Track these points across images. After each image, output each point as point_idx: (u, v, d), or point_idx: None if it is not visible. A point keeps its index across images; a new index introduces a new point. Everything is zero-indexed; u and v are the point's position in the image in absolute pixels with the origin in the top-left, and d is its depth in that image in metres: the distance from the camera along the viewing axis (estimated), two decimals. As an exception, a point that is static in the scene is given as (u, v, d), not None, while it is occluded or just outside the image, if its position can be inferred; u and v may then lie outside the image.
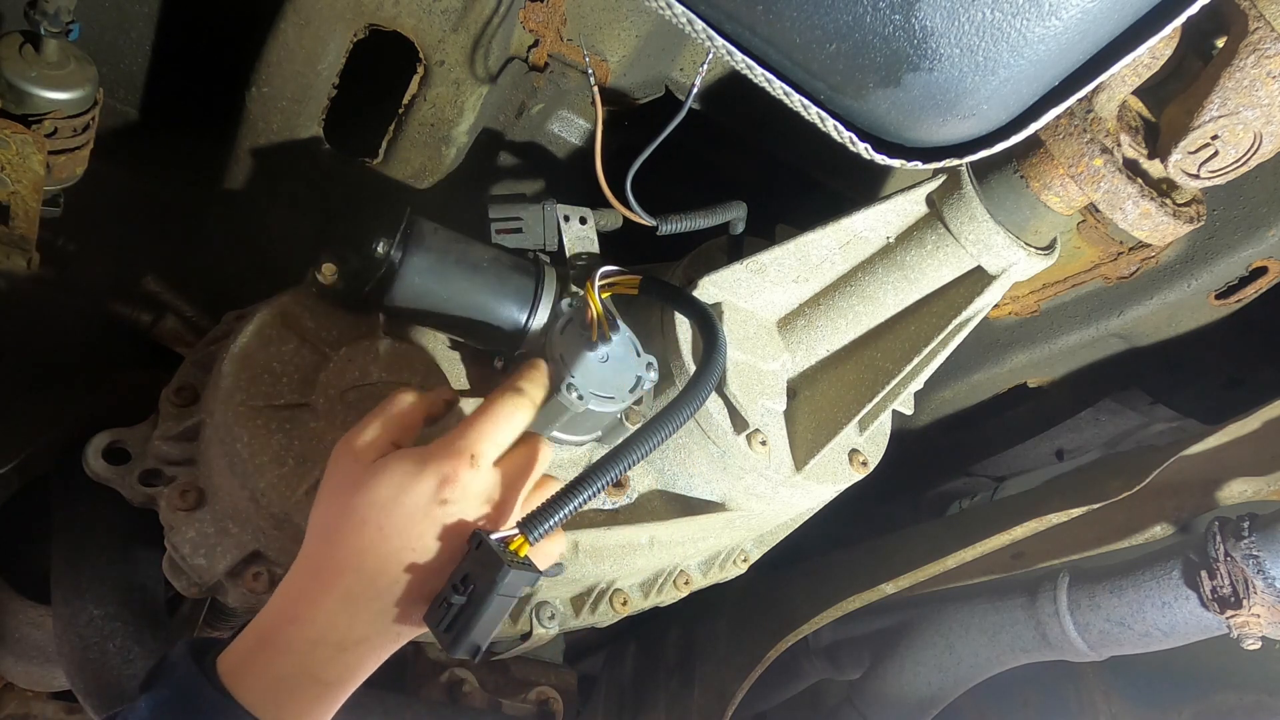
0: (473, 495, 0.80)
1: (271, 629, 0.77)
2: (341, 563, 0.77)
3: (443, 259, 0.99)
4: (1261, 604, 1.21)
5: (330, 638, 0.76)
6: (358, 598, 0.76)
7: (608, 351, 0.97)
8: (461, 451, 0.80)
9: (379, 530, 0.77)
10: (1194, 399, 1.48)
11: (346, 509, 0.79)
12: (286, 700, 0.75)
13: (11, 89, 1.01)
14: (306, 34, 1.10)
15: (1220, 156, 0.88)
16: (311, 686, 0.76)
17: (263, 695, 0.74)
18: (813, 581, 1.58)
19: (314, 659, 0.76)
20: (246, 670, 0.75)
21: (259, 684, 0.75)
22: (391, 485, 0.78)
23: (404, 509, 0.77)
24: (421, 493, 0.77)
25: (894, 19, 0.64)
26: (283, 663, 0.75)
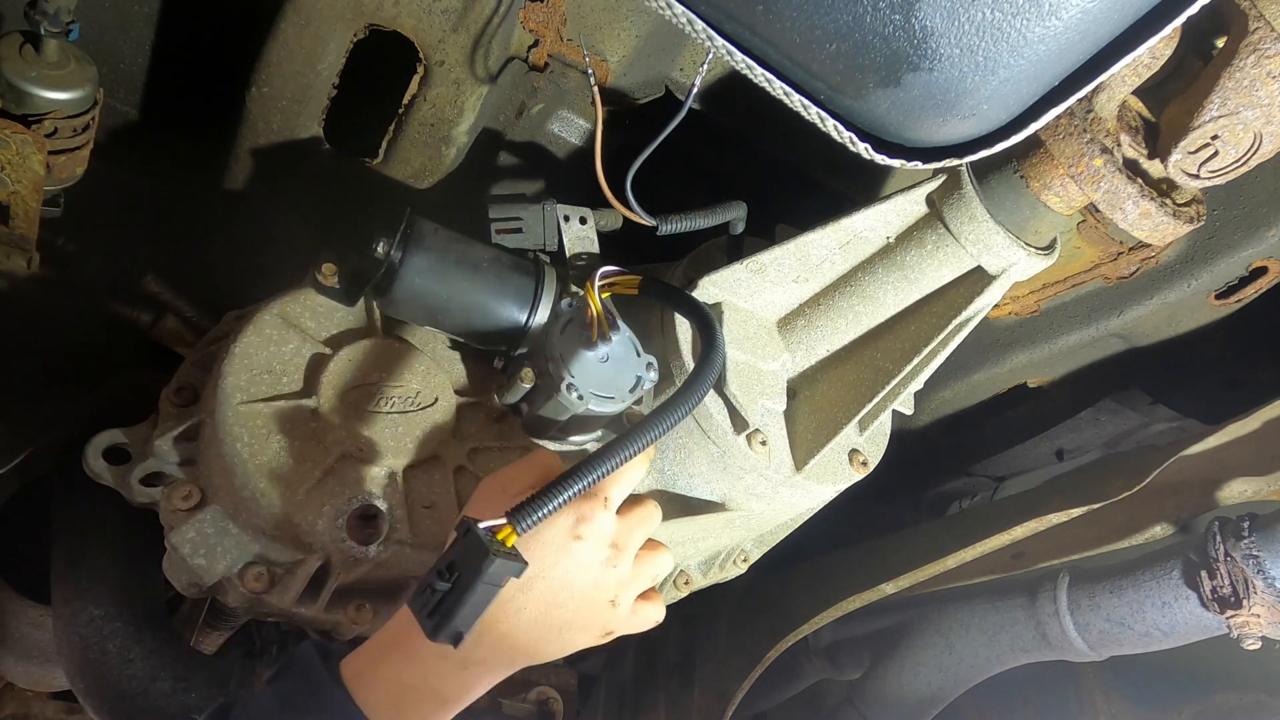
0: (603, 535, 0.85)
1: (400, 638, 0.80)
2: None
3: (443, 259, 0.99)
4: (1261, 604, 1.21)
5: (455, 655, 0.78)
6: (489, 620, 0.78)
7: (608, 351, 0.97)
8: (596, 493, 0.84)
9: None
10: (1194, 399, 1.48)
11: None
12: (404, 708, 0.79)
13: (11, 89, 1.01)
14: (306, 34, 1.10)
15: (1220, 156, 0.88)
16: (429, 700, 0.80)
17: (383, 700, 0.78)
18: (813, 581, 1.58)
19: (436, 673, 0.80)
20: (371, 674, 0.79)
21: (381, 689, 0.78)
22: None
23: (541, 540, 0.81)
24: (560, 527, 0.82)
25: (894, 19, 0.64)
26: (407, 672, 0.79)
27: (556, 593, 0.82)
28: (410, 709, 0.79)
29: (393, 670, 0.79)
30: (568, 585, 0.83)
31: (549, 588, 0.82)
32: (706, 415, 1.07)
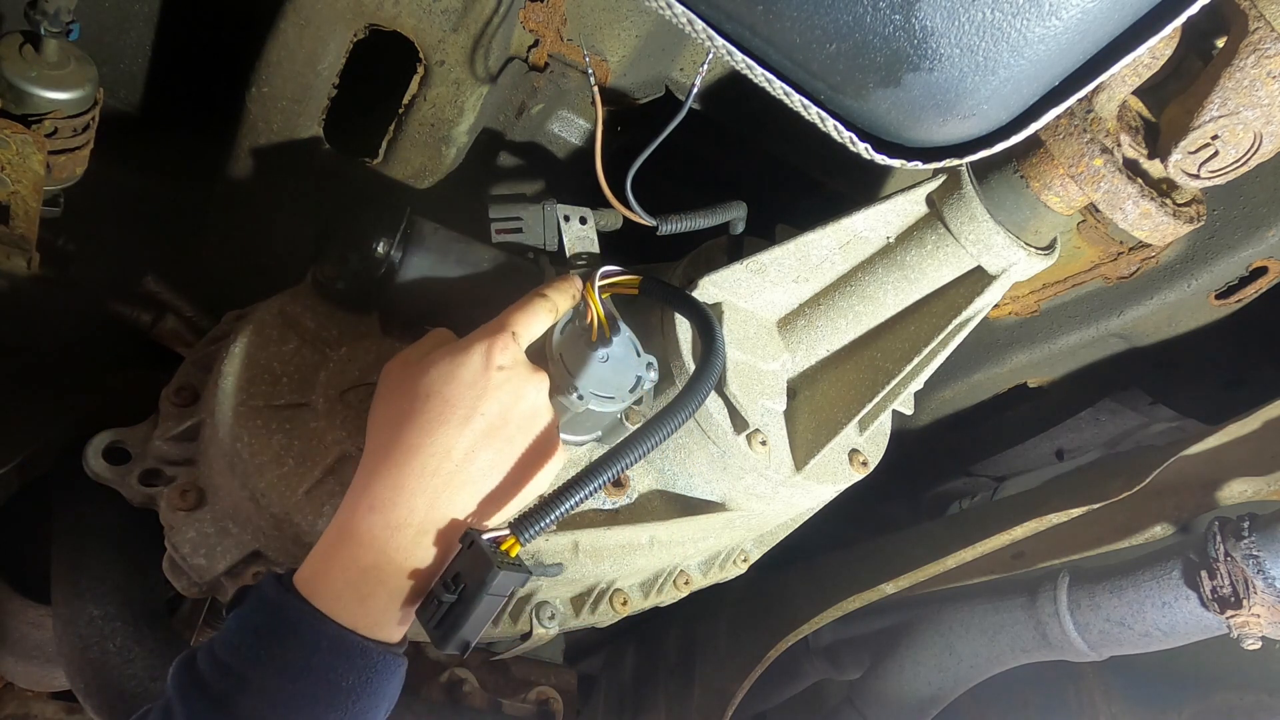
0: (520, 364, 0.82)
1: (348, 523, 0.75)
2: (412, 442, 0.76)
3: (443, 259, 0.99)
4: (1261, 604, 1.21)
5: (412, 520, 0.74)
6: (436, 474, 0.75)
7: (608, 352, 0.97)
8: (501, 327, 0.83)
9: (444, 401, 0.77)
10: (1194, 399, 1.48)
11: (405, 395, 0.79)
12: (369, 594, 0.73)
13: (11, 89, 1.01)
14: (306, 34, 1.10)
15: (1220, 156, 0.88)
16: (393, 576, 0.74)
17: (344, 592, 0.73)
18: (813, 581, 1.58)
19: (395, 544, 0.74)
20: (325, 574, 0.74)
21: (339, 583, 0.73)
22: (443, 363, 0.80)
23: (461, 380, 0.78)
24: (474, 363, 0.79)
25: (894, 19, 0.64)
26: (364, 555, 0.74)
27: (500, 427, 0.79)
28: (375, 593, 0.74)
29: (347, 560, 0.74)
30: (507, 414, 0.79)
31: (489, 423, 0.78)
32: (706, 415, 1.07)
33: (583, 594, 1.19)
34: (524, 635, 1.15)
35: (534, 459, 0.82)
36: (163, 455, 1.03)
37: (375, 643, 0.74)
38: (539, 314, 0.88)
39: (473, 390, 0.78)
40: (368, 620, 0.74)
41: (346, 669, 0.72)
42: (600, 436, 1.10)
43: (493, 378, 0.79)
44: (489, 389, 0.79)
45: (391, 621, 0.76)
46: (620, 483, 1.12)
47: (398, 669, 0.76)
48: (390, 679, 0.75)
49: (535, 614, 1.14)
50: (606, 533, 1.09)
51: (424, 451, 0.76)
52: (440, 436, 0.76)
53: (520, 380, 0.81)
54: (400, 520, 0.75)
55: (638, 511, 1.12)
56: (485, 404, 0.78)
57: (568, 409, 0.98)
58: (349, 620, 0.73)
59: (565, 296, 0.93)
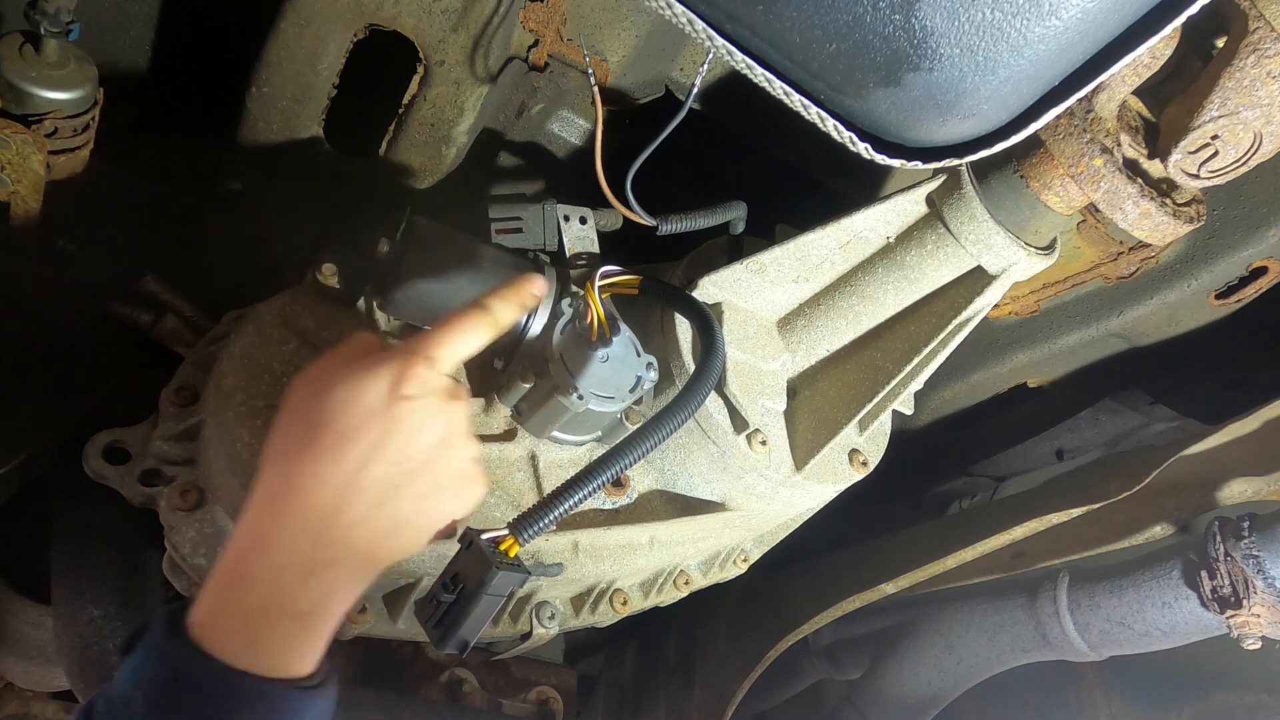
0: (433, 392, 0.74)
1: (235, 563, 0.71)
2: (300, 478, 0.72)
3: (443, 259, 0.99)
4: (1261, 604, 1.21)
5: (295, 561, 0.70)
6: (321, 512, 0.71)
7: (608, 352, 0.97)
8: (415, 351, 0.75)
9: (337, 435, 0.72)
10: (1194, 399, 1.48)
11: (299, 422, 0.74)
12: (258, 637, 0.70)
13: (11, 89, 1.01)
14: (306, 34, 1.10)
15: (1220, 156, 0.88)
16: (283, 620, 0.71)
17: (235, 638, 0.69)
18: (813, 581, 1.58)
19: (280, 587, 0.70)
20: (216, 614, 0.70)
21: (229, 624, 0.70)
22: (345, 388, 0.73)
23: (361, 409, 0.72)
24: (378, 391, 0.72)
25: (894, 19, 0.64)
26: (250, 597, 0.70)
27: (398, 463, 0.73)
28: (266, 636, 0.70)
29: (234, 603, 0.70)
30: (409, 450, 0.73)
31: (388, 459, 0.72)
32: (706, 415, 1.07)
33: (583, 594, 1.19)
34: (524, 635, 1.15)
35: (445, 496, 0.77)
36: (163, 455, 1.03)
37: (278, 682, 0.70)
38: (472, 331, 0.80)
39: (370, 423, 0.72)
40: (264, 662, 0.70)
41: (246, 714, 0.69)
42: (600, 436, 1.10)
43: (396, 410, 0.73)
44: (391, 423, 0.72)
45: (294, 658, 0.72)
46: (620, 483, 1.12)
47: (309, 702, 0.73)
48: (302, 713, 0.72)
49: (535, 614, 1.14)
50: (606, 533, 1.09)
51: (309, 489, 0.71)
52: (330, 473, 0.71)
53: (429, 413, 0.74)
54: (283, 561, 0.71)
55: (638, 511, 1.12)
56: (386, 439, 0.72)
57: (568, 409, 0.98)
58: (245, 663, 0.69)
59: (510, 308, 0.85)
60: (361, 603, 1.03)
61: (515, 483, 1.06)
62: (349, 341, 0.79)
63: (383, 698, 1.43)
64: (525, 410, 1.05)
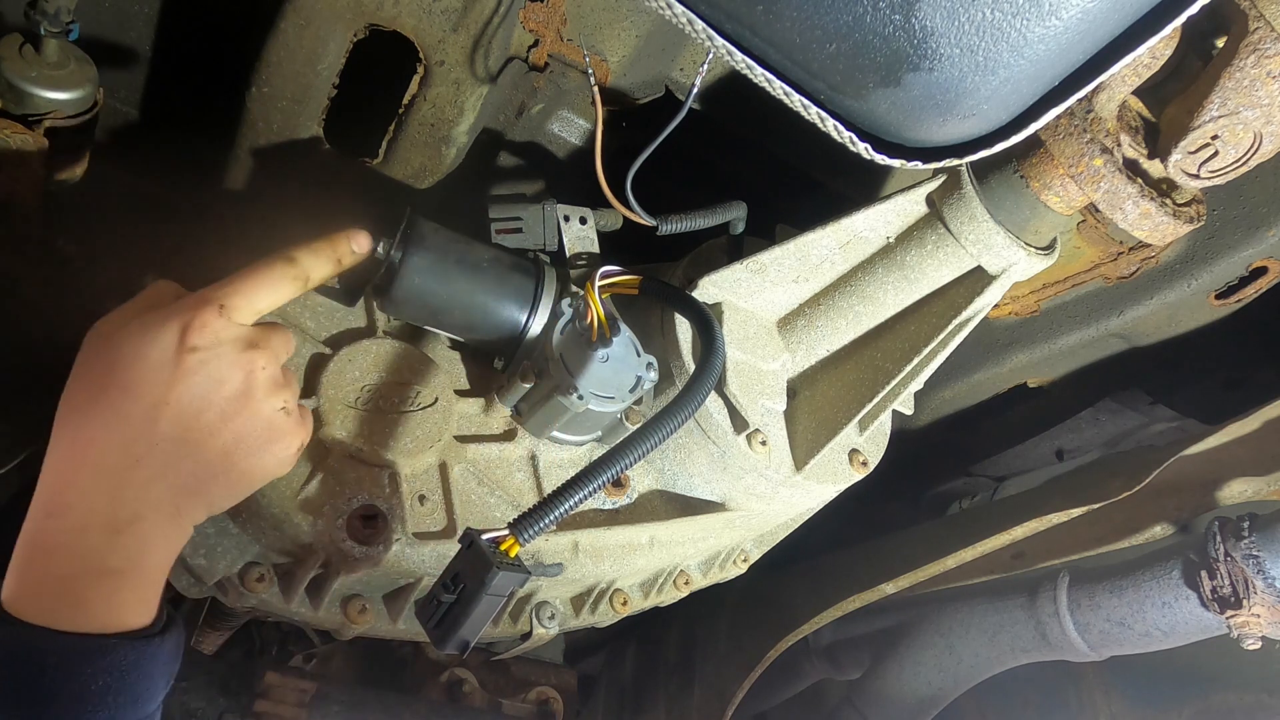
0: (226, 343, 0.73)
1: (35, 532, 0.69)
2: (90, 436, 0.69)
3: (443, 259, 0.99)
4: (1261, 604, 1.21)
5: (95, 521, 0.68)
6: (114, 469, 0.69)
7: (608, 352, 0.97)
8: (207, 300, 0.73)
9: (124, 390, 0.69)
10: (1194, 399, 1.48)
11: (89, 377, 0.71)
12: (80, 599, 0.67)
13: (11, 89, 1.01)
14: (306, 34, 1.10)
15: (1220, 156, 0.88)
16: (99, 579, 0.68)
17: (54, 602, 0.67)
18: (813, 581, 1.58)
19: (87, 548, 0.68)
20: (28, 587, 0.68)
21: (44, 593, 0.67)
22: (132, 341, 0.71)
23: (149, 362, 0.70)
24: (166, 343, 0.70)
25: (894, 19, 0.64)
26: (58, 562, 0.68)
27: (192, 416, 0.71)
28: (88, 598, 0.67)
29: (42, 573, 0.68)
30: (202, 403, 0.71)
31: (178, 413, 0.70)
32: (706, 415, 1.07)
33: (583, 594, 1.19)
34: (524, 635, 1.15)
35: (248, 447, 0.75)
36: (163, 455, 1.03)
37: (115, 637, 0.68)
38: (274, 281, 0.78)
39: (159, 375, 0.70)
40: (94, 621, 0.68)
41: (89, 674, 0.66)
42: (600, 436, 1.10)
43: (185, 362, 0.70)
44: (179, 375, 0.70)
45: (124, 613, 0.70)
46: (620, 483, 1.12)
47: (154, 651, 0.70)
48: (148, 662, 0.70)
49: (535, 614, 1.14)
50: (606, 533, 1.09)
51: (98, 448, 0.69)
52: (116, 430, 0.69)
53: (223, 364, 0.72)
54: (82, 522, 0.68)
55: (638, 511, 1.12)
56: (174, 392, 0.70)
57: (568, 409, 0.98)
58: (73, 624, 0.67)
59: (322, 260, 0.82)
60: (361, 603, 1.03)
61: (515, 483, 1.06)
62: (145, 291, 0.77)
63: (383, 698, 1.44)
64: (525, 410, 1.05)
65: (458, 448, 1.04)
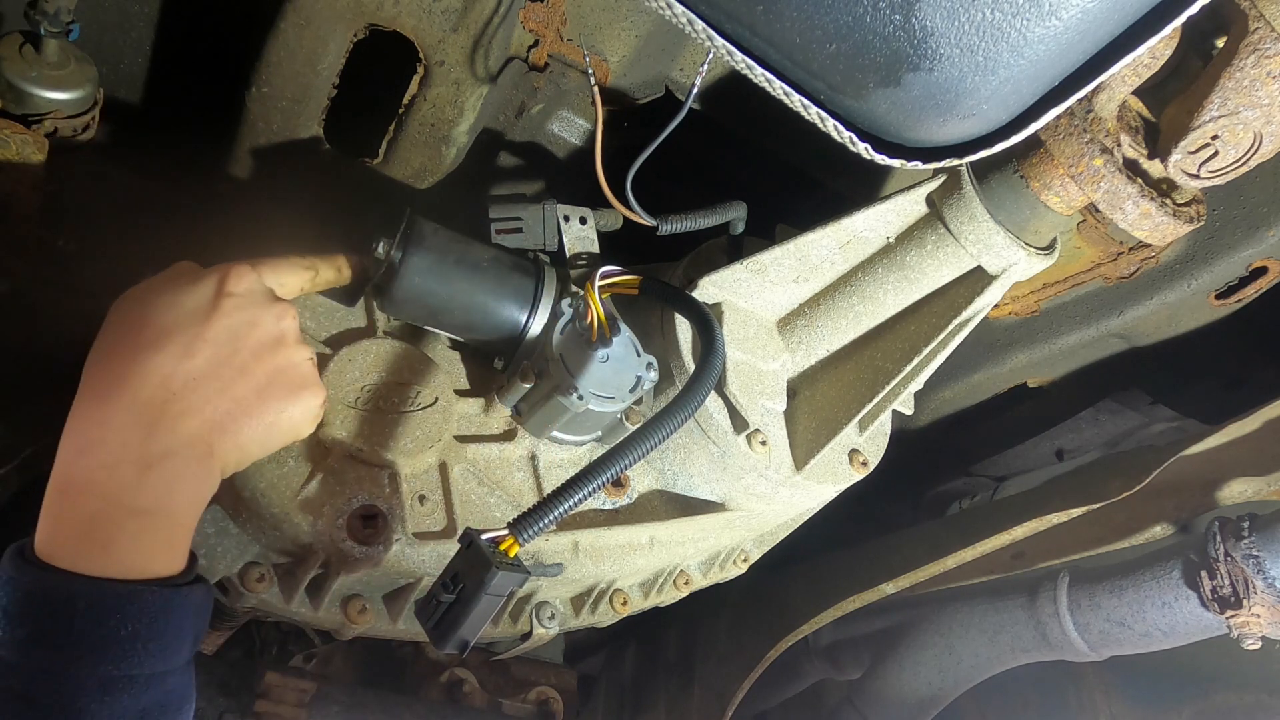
0: (259, 293, 0.77)
1: (66, 471, 0.69)
2: (124, 373, 0.70)
3: (443, 259, 0.99)
4: (1261, 604, 1.21)
5: (128, 456, 0.68)
6: (149, 404, 0.69)
7: (608, 352, 0.97)
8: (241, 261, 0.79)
9: (161, 331, 0.72)
10: (1194, 399, 1.48)
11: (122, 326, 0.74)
12: (108, 541, 0.67)
13: (11, 89, 1.01)
14: (306, 34, 1.10)
15: (1220, 156, 0.88)
16: (128, 519, 0.68)
17: (80, 545, 0.67)
18: (813, 581, 1.58)
19: (117, 484, 0.68)
20: (57, 529, 0.68)
21: (73, 535, 0.67)
22: (167, 295, 0.74)
23: (186, 307, 0.73)
24: (204, 291, 0.75)
25: (894, 19, 0.64)
26: (88, 501, 0.68)
27: (228, 353, 0.73)
28: (116, 539, 0.67)
29: (71, 512, 0.68)
30: (238, 341, 0.74)
31: (215, 349, 0.73)
32: (706, 415, 1.07)
33: (583, 594, 1.19)
34: (524, 635, 1.15)
35: (280, 391, 0.77)
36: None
37: (143, 583, 0.68)
38: (293, 269, 0.85)
39: (196, 316, 0.73)
40: (121, 565, 0.68)
41: (118, 620, 0.66)
42: (600, 436, 1.10)
43: (222, 304, 0.74)
44: (216, 314, 0.74)
45: (152, 557, 0.70)
46: (620, 483, 1.12)
47: (183, 599, 0.70)
48: (176, 610, 0.69)
49: (535, 614, 1.14)
50: (606, 533, 1.09)
51: (133, 381, 0.70)
52: (154, 364, 0.70)
53: (256, 308, 0.76)
54: (114, 458, 0.68)
55: (638, 511, 1.12)
56: (210, 330, 0.73)
57: (568, 409, 0.98)
58: (101, 569, 0.67)
59: (327, 266, 0.90)
60: (361, 603, 1.03)
61: (515, 483, 1.06)
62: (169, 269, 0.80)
63: (383, 698, 1.44)
64: (525, 410, 1.05)
65: (458, 448, 1.04)
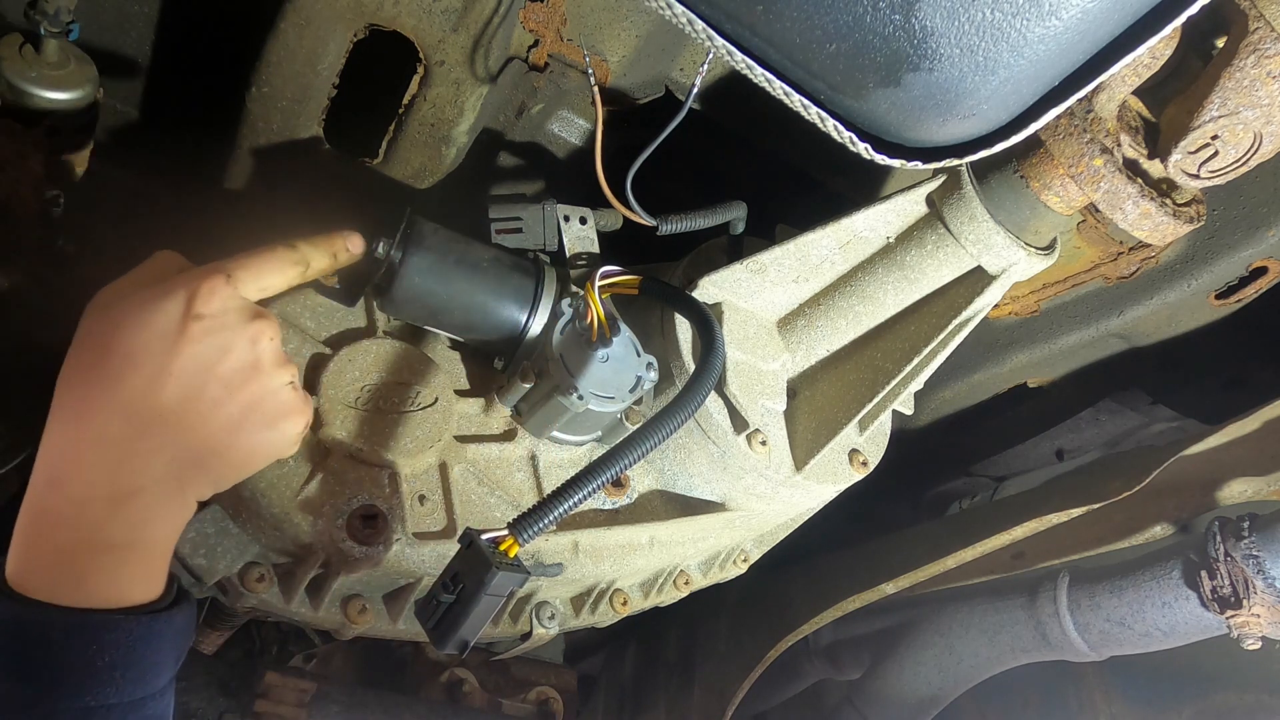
0: (232, 313, 0.71)
1: (37, 502, 0.68)
2: (92, 404, 0.68)
3: (443, 259, 0.99)
4: (1261, 604, 1.21)
5: (96, 493, 0.67)
6: (116, 439, 0.67)
7: (608, 352, 0.97)
8: (214, 270, 0.72)
9: (126, 358, 0.68)
10: (1194, 399, 1.48)
11: (91, 347, 0.70)
12: (83, 574, 0.67)
13: (11, 89, 1.01)
14: (306, 34, 1.10)
15: (1220, 156, 0.88)
16: (101, 552, 0.67)
17: (55, 576, 0.66)
18: (813, 581, 1.58)
19: (88, 520, 0.67)
20: (31, 561, 0.67)
21: (46, 567, 0.66)
22: (135, 310, 0.69)
23: (152, 330, 0.68)
24: (171, 311, 0.69)
25: (894, 19, 0.64)
26: (59, 535, 0.67)
27: (197, 386, 0.69)
28: (90, 571, 0.67)
29: (44, 544, 0.67)
30: (207, 373, 0.70)
31: (183, 382, 0.68)
32: (706, 415, 1.07)
33: (583, 594, 1.19)
34: (524, 635, 1.15)
35: (255, 423, 0.73)
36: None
37: (120, 612, 0.67)
38: (278, 263, 0.77)
39: (163, 343, 0.68)
40: (98, 596, 0.67)
41: (94, 650, 0.65)
42: (600, 436, 1.10)
43: (190, 330, 0.69)
44: (183, 342, 0.68)
45: (129, 587, 0.69)
46: (620, 483, 1.12)
47: (161, 626, 0.69)
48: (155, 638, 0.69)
49: (535, 614, 1.14)
50: (606, 533, 1.09)
51: (99, 417, 0.67)
52: (119, 398, 0.67)
53: (228, 331, 0.71)
54: (83, 494, 0.67)
55: (638, 511, 1.12)
56: (177, 361, 0.68)
57: (568, 409, 0.98)
58: (76, 599, 0.66)
59: (321, 253, 0.82)
60: (361, 603, 1.03)
61: (515, 483, 1.06)
62: (147, 261, 0.75)
63: (383, 698, 1.44)
64: (525, 410, 1.05)
65: (458, 448, 1.04)
